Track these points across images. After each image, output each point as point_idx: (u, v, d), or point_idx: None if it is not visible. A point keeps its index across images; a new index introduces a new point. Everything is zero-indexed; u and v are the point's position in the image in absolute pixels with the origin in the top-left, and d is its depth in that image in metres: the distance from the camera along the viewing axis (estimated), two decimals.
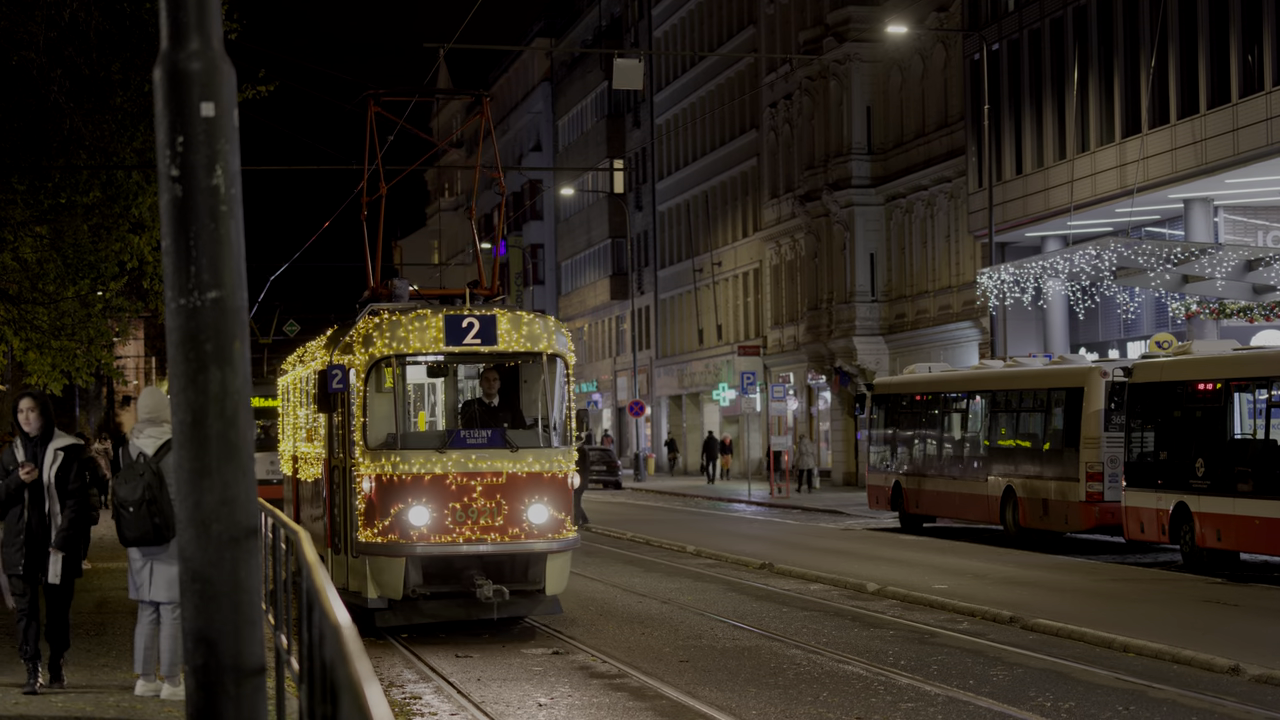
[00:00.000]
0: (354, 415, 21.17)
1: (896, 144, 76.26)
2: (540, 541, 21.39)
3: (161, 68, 13.50)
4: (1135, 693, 19.89)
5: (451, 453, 21.10)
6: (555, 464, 21.73)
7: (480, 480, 21.13)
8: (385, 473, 20.89)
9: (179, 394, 13.62)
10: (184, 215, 13.39)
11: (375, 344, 21.08)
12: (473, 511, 20.93)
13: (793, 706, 18.64)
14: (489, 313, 21.54)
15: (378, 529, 20.91)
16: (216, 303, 13.47)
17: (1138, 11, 56.35)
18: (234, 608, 13.69)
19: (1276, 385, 34.22)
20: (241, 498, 13.58)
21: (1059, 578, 33.89)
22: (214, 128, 13.46)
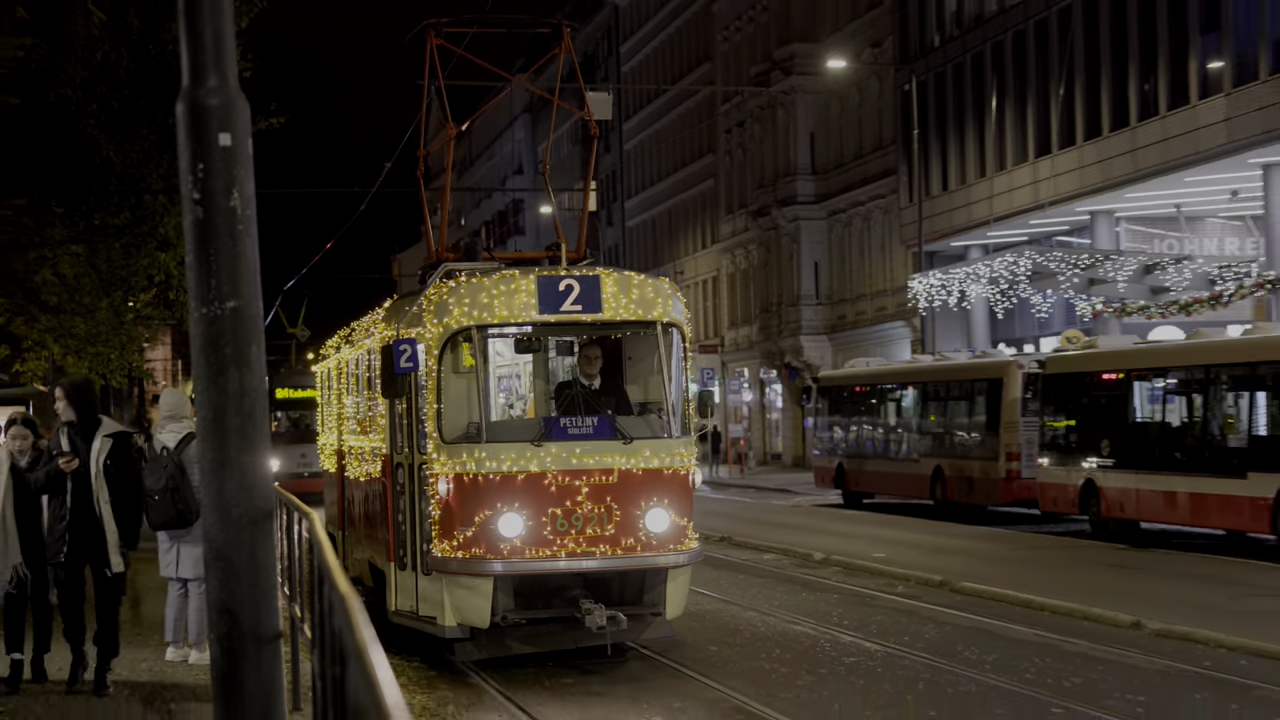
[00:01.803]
0: (425, 401, 16.47)
1: (836, 165, 76.26)
2: (662, 555, 16.42)
3: (183, 103, 13.49)
4: (1051, 646, 19.90)
5: (550, 446, 16.10)
6: (676, 458, 16.76)
7: (586, 479, 16.10)
8: (467, 471, 16.00)
9: (202, 393, 13.57)
10: (205, 234, 13.37)
11: (452, 312, 16.26)
12: (577, 518, 15.93)
13: (749, 661, 18.64)
14: (591, 273, 16.87)
15: (458, 541, 16.03)
16: (235, 311, 13.43)
17: (1048, 46, 56.45)
18: (253, 582, 13.68)
19: (1170, 375, 34.41)
20: (258, 485, 13.55)
21: (983, 546, 33.91)
22: (231, 156, 13.42)
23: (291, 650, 14.88)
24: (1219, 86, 47.99)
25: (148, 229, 33.48)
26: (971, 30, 61.99)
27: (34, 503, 13.97)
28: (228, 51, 13.00)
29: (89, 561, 14.21)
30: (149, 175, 32.60)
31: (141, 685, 15.72)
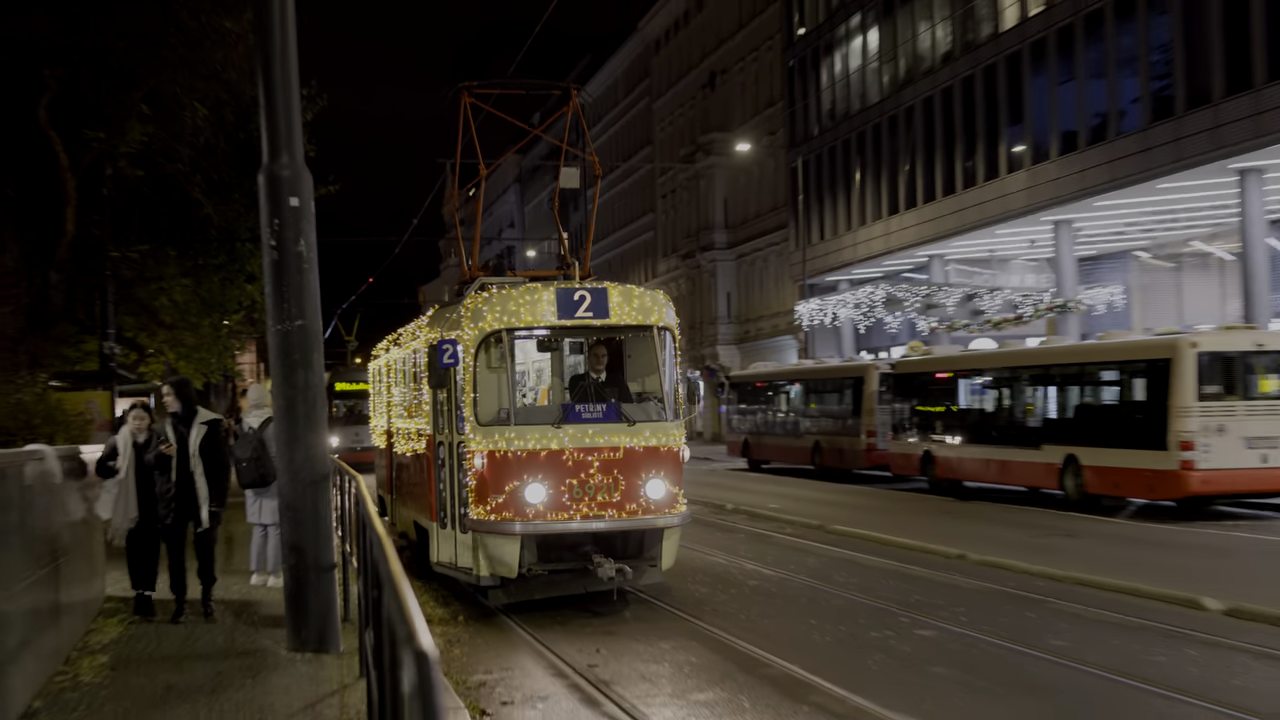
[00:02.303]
0: (463, 391, 15.76)
1: (743, 221, 76.36)
2: (660, 517, 15.81)
3: (264, 175, 13.46)
4: (899, 572, 19.89)
5: (567, 428, 15.54)
6: (670, 438, 16.21)
7: (597, 455, 15.51)
8: (499, 449, 15.40)
9: (277, 388, 13.53)
10: (279, 271, 13.34)
11: (485, 318, 15.67)
12: (590, 488, 15.34)
13: (679, 584, 18.56)
14: (600, 285, 16.29)
15: (490, 506, 15.37)
16: (301, 328, 13.41)
17: (896, 134, 56.64)
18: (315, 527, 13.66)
19: (985, 374, 34.56)
20: (319, 456, 13.55)
21: (849, 499, 33.91)
22: (298, 214, 13.40)
23: (342, 577, 14.83)
24: (1021, 164, 48.18)
25: (238, 267, 33.53)
26: (841, 123, 62.09)
27: (148, 473, 13.83)
28: (297, 137, 12.96)
29: (190, 519, 14.11)
30: (239, 228, 32.59)
31: (233, 603, 15.68)
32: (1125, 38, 42.99)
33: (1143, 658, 13.30)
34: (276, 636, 13.38)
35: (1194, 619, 15.44)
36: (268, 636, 13.55)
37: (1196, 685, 12.02)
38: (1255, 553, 20.98)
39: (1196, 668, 12.80)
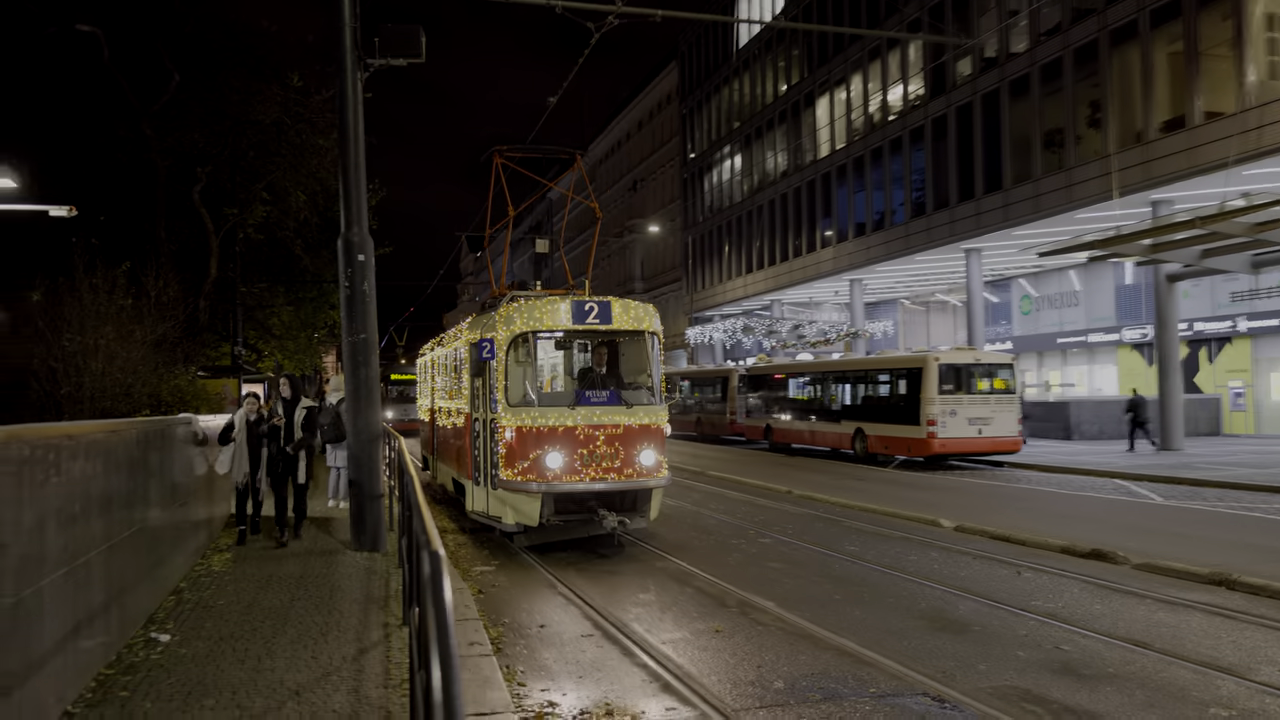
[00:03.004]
0: (497, 379, 14.13)
1: (654, 274, 76.19)
2: (650, 479, 14.27)
3: (341, 239, 13.24)
4: (749, 501, 19.87)
5: (579, 409, 13.96)
6: (658, 418, 14.52)
7: (602, 431, 14.01)
8: (525, 425, 13.81)
9: (348, 379, 13.31)
10: (350, 303, 13.12)
11: (515, 322, 14.18)
12: (596, 456, 13.84)
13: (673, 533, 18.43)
14: (605, 299, 14.82)
15: (517, 470, 13.75)
16: (364, 340, 13.19)
17: (752, 223, 56.83)
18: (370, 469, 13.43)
19: (806, 375, 34.62)
20: (374, 423, 13.32)
21: (718, 455, 33.91)
22: (364, 266, 13.19)
23: (389, 503, 14.63)
24: (830, 243, 48.47)
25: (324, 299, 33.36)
26: (717, 214, 62.24)
27: (257, 441, 13.19)
28: (364, 215, 12.83)
29: (290, 475, 13.50)
30: (325, 274, 32.39)
31: (316, 518, 15.44)
32: (896, 164, 43.42)
33: (903, 558, 13.37)
34: (344, 541, 13.23)
35: (936, 533, 15.56)
36: (338, 541, 13.39)
37: (937, 575, 12.10)
38: (973, 491, 21.20)
39: (937, 564, 12.88)
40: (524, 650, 8.93)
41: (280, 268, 32.27)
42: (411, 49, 12.77)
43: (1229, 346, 36.86)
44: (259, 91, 26.32)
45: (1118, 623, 9.71)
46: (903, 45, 42.58)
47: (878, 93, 44.86)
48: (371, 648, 7.94)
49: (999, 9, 36.72)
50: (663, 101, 73.28)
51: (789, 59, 53.40)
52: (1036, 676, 8.04)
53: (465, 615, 8.94)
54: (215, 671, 7.36)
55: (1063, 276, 44.37)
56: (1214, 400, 37.01)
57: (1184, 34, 29.03)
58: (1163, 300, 30.22)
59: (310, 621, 8.81)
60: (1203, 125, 28.17)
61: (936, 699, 7.50)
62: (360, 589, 10.22)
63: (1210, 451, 28.80)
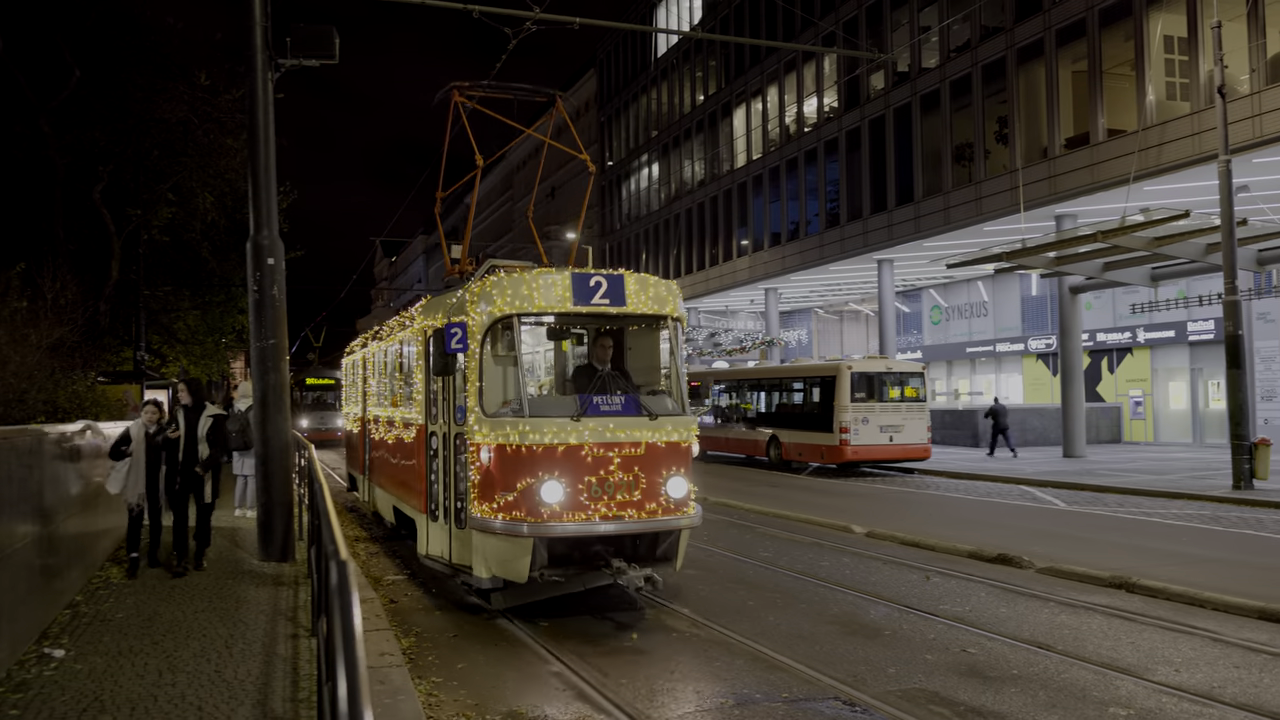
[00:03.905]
0: (468, 380, 10.63)
1: None
2: (681, 517, 10.72)
3: (250, 242, 13.00)
4: None
5: (588, 421, 10.35)
6: (689, 432, 10.94)
7: (618, 451, 10.40)
8: (510, 442, 10.17)
9: (257, 385, 13.03)
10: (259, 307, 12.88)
11: (495, 302, 10.64)
12: (609, 486, 10.24)
13: None
14: (616, 272, 11.29)
15: (498, 505, 10.15)
16: (273, 345, 12.95)
17: (668, 230, 57.11)
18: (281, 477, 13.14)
19: (721, 382, 34.73)
20: (284, 431, 13.05)
21: None
22: (274, 270, 12.96)
23: (299, 511, 14.36)
24: (745, 252, 48.91)
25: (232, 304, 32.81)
26: (634, 222, 62.43)
27: (156, 456, 11.51)
28: (274, 218, 12.60)
29: (192, 493, 11.75)
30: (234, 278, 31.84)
31: (222, 528, 15.10)
32: (810, 175, 43.97)
33: (816, 563, 13.50)
34: (252, 551, 12.96)
35: (848, 539, 15.73)
36: (246, 551, 13.11)
37: (849, 580, 12.24)
38: (884, 497, 21.49)
39: (849, 570, 13.03)
40: (436, 660, 8.83)
41: (186, 271, 31.61)
42: (324, 49, 12.59)
43: (1129, 357, 37.98)
44: (164, 89, 25.77)
45: (1022, 625, 9.93)
46: (818, 59, 43.18)
47: (793, 105, 45.40)
48: (279, 660, 7.78)
49: (911, 25, 37.43)
50: (581, 109, 73.32)
51: (706, 69, 53.79)
52: (944, 679, 8.18)
53: (377, 625, 8.82)
54: (113, 687, 7.15)
55: (971, 287, 45.33)
56: (1115, 409, 38.09)
57: (1088, 53, 29.88)
58: (1066, 311, 31.04)
59: (215, 634, 8.61)
60: (1105, 142, 29.02)
61: (847, 703, 7.59)
62: (268, 600, 10.02)
63: (1111, 459, 29.62)
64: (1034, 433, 37.00)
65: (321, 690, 5.26)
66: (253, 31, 12.40)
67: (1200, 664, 8.54)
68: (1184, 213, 22.83)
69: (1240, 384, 21.00)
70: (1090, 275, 28.89)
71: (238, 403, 16.43)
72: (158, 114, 25.89)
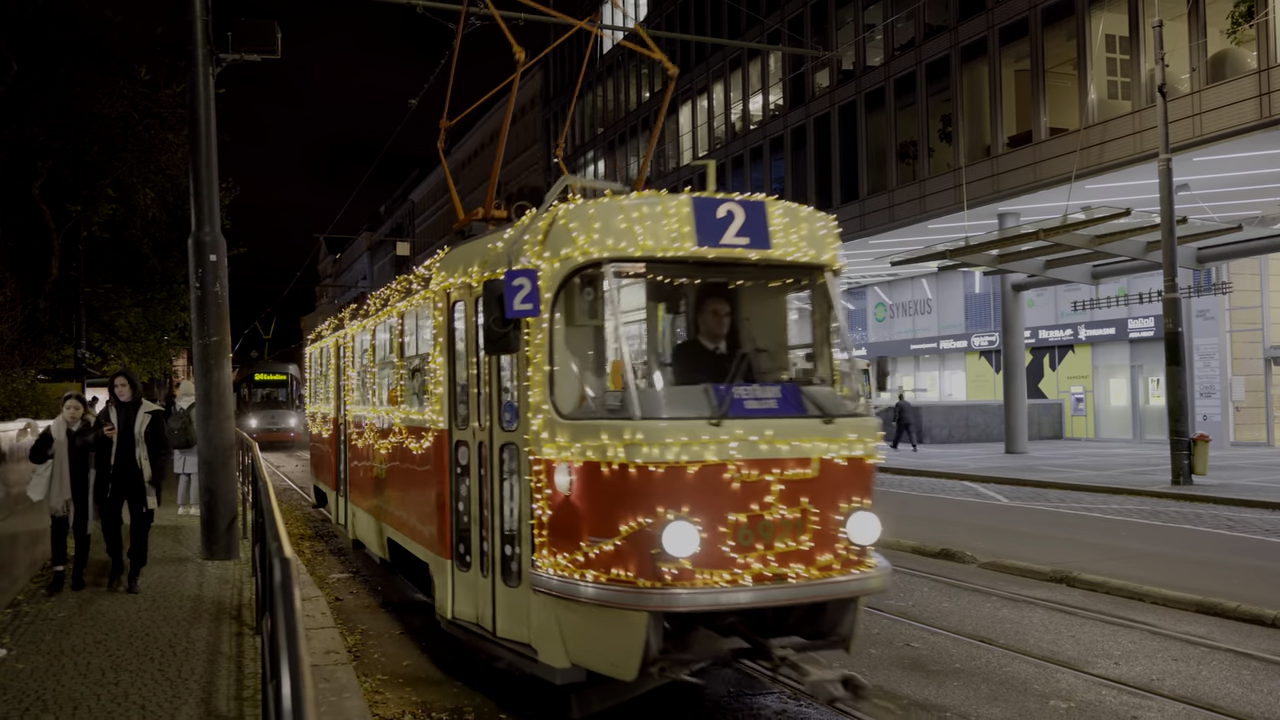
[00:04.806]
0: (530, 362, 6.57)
1: None
2: (870, 574, 6.52)
3: (192, 239, 12.90)
4: None
5: (733, 426, 5.93)
6: (875, 441, 6.62)
7: (780, 473, 6.06)
8: (608, 460, 5.92)
9: (199, 383, 12.94)
10: (201, 304, 12.78)
11: (577, 240, 6.38)
12: (766, 528, 5.94)
13: None
14: (755, 198, 6.64)
15: (585, 557, 6.01)
16: (216, 343, 12.86)
17: None
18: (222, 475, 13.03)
19: None
20: (227, 428, 12.95)
21: None
22: (216, 266, 12.88)
23: (242, 508, 14.23)
24: None
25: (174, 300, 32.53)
26: None
27: (82, 458, 10.17)
28: (216, 214, 12.51)
29: (128, 500, 10.33)
30: (175, 274, 31.56)
31: (165, 526, 14.94)
32: (756, 172, 44.23)
33: None
34: (195, 549, 12.83)
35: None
36: (189, 549, 12.98)
37: None
38: None
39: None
40: (381, 658, 8.80)
41: (127, 267, 31.22)
42: (266, 43, 12.50)
43: (1070, 354, 38.62)
44: (104, 84, 25.43)
45: (965, 620, 10.08)
46: (763, 56, 43.44)
47: (739, 102, 45.62)
48: (224, 659, 7.73)
49: (856, 23, 37.77)
50: (526, 105, 73.10)
51: (652, 66, 53.88)
52: (888, 673, 8.28)
53: (322, 623, 8.78)
54: (55, 686, 7.07)
55: (916, 285, 45.83)
56: (1056, 405, 38.72)
57: (1031, 52, 30.33)
58: (1009, 309, 31.50)
59: (158, 633, 8.54)
60: (1047, 141, 29.48)
61: (792, 697, 7.67)
62: (212, 598, 9.94)
63: (1053, 454, 30.10)
64: (977, 429, 37.50)
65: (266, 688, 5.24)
66: (193, 25, 12.29)
67: (1139, 657, 8.73)
68: (1125, 211, 23.26)
69: (1180, 381, 21.43)
70: (1032, 273, 29.34)
71: (180, 400, 16.28)
72: (97, 109, 25.56)
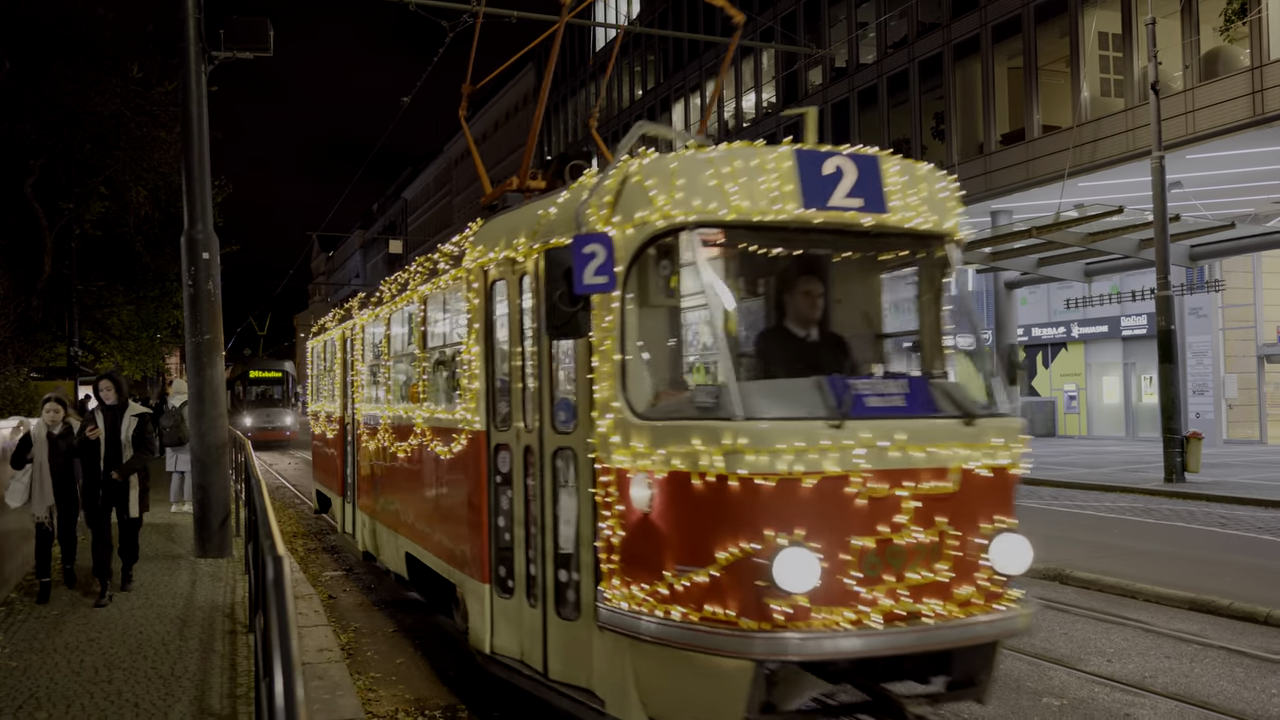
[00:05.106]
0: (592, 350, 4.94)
1: None
2: (1016, 612, 4.91)
3: (185, 236, 12.88)
4: None
5: (857, 428, 4.25)
6: (1020, 447, 4.97)
7: (914, 486, 4.40)
8: (701, 469, 4.23)
9: (192, 380, 12.91)
10: (195, 302, 12.77)
11: (655, 202, 4.66)
12: (896, 554, 4.28)
13: None
14: (867, 152, 5.16)
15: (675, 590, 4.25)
16: (209, 340, 12.84)
17: None
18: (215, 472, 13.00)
19: None
20: (219, 427, 12.94)
21: None
22: (209, 264, 12.86)
23: (235, 506, 14.21)
24: None
25: (167, 298, 32.56)
26: None
27: (65, 462, 9.68)
28: (209, 212, 12.50)
29: (115, 506, 9.87)
30: (168, 272, 31.57)
31: (158, 524, 14.92)
32: None
33: None
34: (188, 547, 12.82)
35: None
36: (182, 547, 12.96)
37: None
38: None
39: None
40: (375, 655, 8.80)
41: (120, 265, 31.20)
42: (259, 41, 12.46)
43: (1064, 351, 38.67)
44: (96, 82, 25.40)
45: None
46: (756, 54, 43.43)
47: (732, 100, 45.61)
48: (217, 657, 7.72)
49: (849, 21, 37.79)
50: (520, 103, 73.05)
51: (645, 64, 53.86)
52: None
53: (315, 621, 8.77)
54: (49, 683, 7.05)
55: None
56: (1050, 403, 38.78)
57: (1024, 50, 30.36)
58: (1002, 307, 31.56)
59: (151, 631, 8.52)
60: (1040, 138, 29.51)
61: None
62: (205, 596, 9.92)
63: (1046, 452, 30.15)
64: None
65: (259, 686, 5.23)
66: (186, 23, 12.25)
67: (1132, 654, 8.74)
68: (1117, 209, 23.29)
69: (1172, 378, 21.46)
70: (1025, 271, 29.38)
71: (173, 398, 16.28)
72: (90, 107, 25.53)
